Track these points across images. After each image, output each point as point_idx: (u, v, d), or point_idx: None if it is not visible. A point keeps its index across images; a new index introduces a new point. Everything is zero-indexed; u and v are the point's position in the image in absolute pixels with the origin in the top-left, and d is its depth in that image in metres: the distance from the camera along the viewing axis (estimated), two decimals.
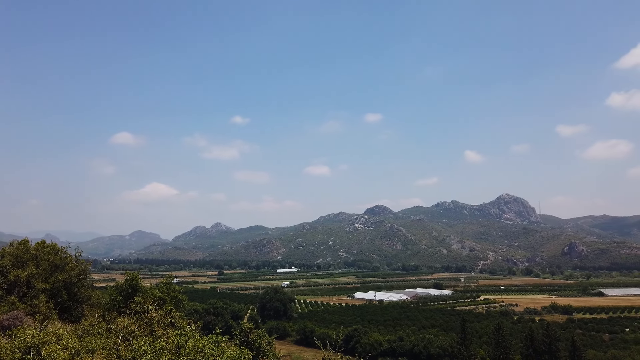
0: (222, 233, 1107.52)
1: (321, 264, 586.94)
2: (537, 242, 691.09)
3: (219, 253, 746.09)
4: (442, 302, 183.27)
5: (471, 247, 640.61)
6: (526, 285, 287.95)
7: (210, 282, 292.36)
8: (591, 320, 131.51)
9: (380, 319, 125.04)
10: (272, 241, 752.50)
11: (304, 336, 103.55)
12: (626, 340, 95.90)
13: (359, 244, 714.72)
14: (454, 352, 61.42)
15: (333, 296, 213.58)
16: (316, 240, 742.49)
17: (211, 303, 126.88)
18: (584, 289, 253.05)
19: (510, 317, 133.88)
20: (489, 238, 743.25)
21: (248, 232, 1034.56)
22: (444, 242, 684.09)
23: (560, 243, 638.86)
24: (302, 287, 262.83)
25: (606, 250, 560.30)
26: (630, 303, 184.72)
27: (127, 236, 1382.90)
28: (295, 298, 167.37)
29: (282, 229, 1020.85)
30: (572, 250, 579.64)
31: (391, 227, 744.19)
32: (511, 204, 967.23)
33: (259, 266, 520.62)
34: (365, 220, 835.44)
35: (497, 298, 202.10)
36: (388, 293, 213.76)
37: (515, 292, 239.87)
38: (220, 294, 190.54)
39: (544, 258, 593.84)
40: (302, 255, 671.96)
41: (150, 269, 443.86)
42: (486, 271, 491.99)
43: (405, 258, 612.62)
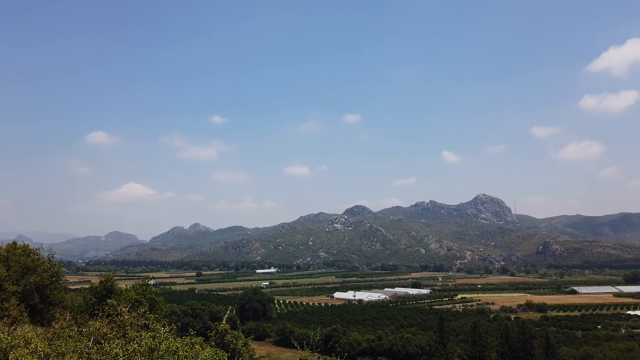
0: (200, 234, 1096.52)
1: (301, 264, 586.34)
2: (513, 241, 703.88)
3: (198, 254, 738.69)
4: (421, 301, 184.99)
5: (449, 247, 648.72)
6: (502, 283, 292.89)
7: (189, 283, 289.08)
8: (565, 318, 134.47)
9: (360, 318, 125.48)
10: (252, 242, 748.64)
11: (283, 337, 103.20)
12: (598, 336, 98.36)
13: (339, 244, 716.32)
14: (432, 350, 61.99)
15: (312, 296, 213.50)
16: (296, 241, 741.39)
17: (189, 304, 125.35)
18: (557, 287, 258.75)
19: (487, 316, 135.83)
20: (466, 237, 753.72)
21: (227, 233, 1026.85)
22: (422, 241, 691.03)
23: (535, 242, 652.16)
24: (281, 288, 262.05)
25: (579, 249, 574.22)
26: (602, 301, 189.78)
27: (102, 237, 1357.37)
28: (274, 299, 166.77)
29: (262, 229, 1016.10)
30: (546, 249, 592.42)
31: (370, 227, 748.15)
32: (488, 204, 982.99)
33: (238, 267, 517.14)
34: (344, 220, 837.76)
35: (474, 297, 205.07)
36: (367, 293, 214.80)
37: (492, 291, 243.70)
38: (198, 295, 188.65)
39: (519, 257, 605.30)
40: (282, 255, 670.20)
41: (126, 271, 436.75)
42: (463, 270, 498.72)
43: (384, 258, 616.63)
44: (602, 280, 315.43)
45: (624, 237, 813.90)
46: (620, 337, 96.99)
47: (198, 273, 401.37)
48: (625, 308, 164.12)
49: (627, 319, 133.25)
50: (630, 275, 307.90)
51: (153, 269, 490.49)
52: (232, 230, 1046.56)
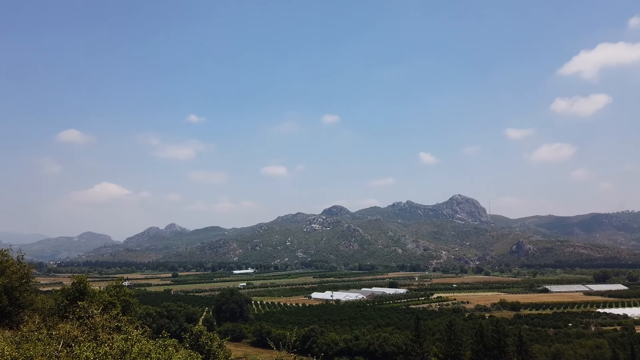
0: (176, 234, 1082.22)
1: (278, 264, 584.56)
2: (488, 241, 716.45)
3: (174, 255, 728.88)
4: (397, 301, 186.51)
5: (425, 247, 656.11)
6: (477, 283, 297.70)
7: (164, 285, 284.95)
8: (537, 316, 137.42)
9: (337, 318, 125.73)
10: (229, 242, 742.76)
11: (260, 338, 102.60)
12: (569, 334, 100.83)
13: (317, 244, 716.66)
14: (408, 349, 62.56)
15: (290, 297, 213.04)
16: (273, 241, 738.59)
17: (165, 306, 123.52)
18: (530, 285, 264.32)
19: (462, 314, 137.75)
20: (442, 237, 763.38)
21: (204, 233, 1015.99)
22: (399, 241, 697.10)
23: (508, 242, 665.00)
24: (259, 288, 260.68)
25: (551, 249, 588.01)
26: (572, 299, 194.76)
27: (75, 238, 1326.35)
28: (252, 299, 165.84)
29: (239, 229, 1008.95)
30: (519, 248, 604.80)
31: (348, 228, 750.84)
32: (463, 205, 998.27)
33: (214, 268, 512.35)
34: (322, 220, 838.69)
35: (450, 296, 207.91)
36: (345, 293, 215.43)
37: (467, 290, 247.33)
38: (174, 297, 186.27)
39: (493, 257, 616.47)
40: (259, 256, 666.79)
41: (100, 272, 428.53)
42: (439, 270, 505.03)
43: (361, 258, 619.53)
44: (573, 279, 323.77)
45: (593, 237, 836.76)
46: (590, 335, 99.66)
47: (174, 274, 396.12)
48: (595, 306, 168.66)
49: (596, 316, 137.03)
50: (600, 274, 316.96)
51: (128, 270, 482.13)
52: (209, 231, 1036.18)
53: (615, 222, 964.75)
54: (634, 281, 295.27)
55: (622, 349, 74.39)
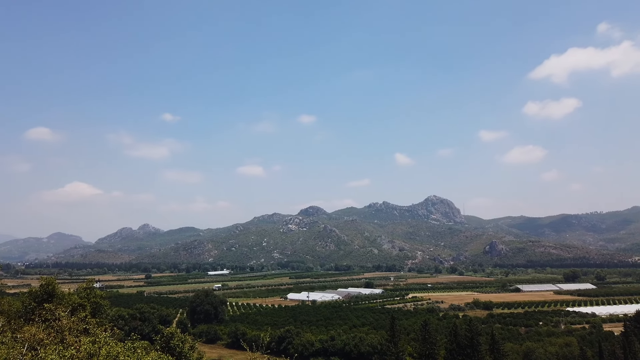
0: (150, 235, 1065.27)
1: (254, 265, 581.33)
2: (462, 241, 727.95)
3: (147, 255, 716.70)
4: (373, 301, 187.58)
5: (401, 247, 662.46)
6: (451, 282, 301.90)
7: (137, 286, 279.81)
8: (509, 315, 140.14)
9: (313, 319, 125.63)
10: (204, 243, 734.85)
11: (235, 339, 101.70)
12: (540, 332, 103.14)
13: (293, 245, 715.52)
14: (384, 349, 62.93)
15: (266, 298, 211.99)
16: (249, 242, 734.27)
17: (138, 308, 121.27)
18: (503, 285, 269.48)
19: (437, 314, 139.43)
20: (417, 238, 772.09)
21: (178, 234, 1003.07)
22: (375, 242, 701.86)
23: (482, 242, 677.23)
24: (234, 290, 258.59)
25: (523, 249, 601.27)
26: (543, 298, 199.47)
27: (44, 238, 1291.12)
28: (227, 301, 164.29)
29: (214, 230, 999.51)
30: (492, 249, 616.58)
31: (325, 228, 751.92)
32: (438, 205, 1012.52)
33: (189, 269, 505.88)
34: (299, 221, 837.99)
35: (425, 295, 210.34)
36: (321, 293, 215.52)
37: (441, 290, 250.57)
38: (147, 298, 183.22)
39: (467, 257, 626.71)
40: (235, 256, 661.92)
41: (70, 274, 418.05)
42: (414, 270, 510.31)
43: (338, 258, 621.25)
44: (544, 279, 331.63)
45: (563, 237, 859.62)
46: (559, 333, 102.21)
47: (147, 275, 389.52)
48: (564, 305, 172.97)
49: (566, 315, 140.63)
50: (569, 274, 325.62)
51: (99, 271, 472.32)
52: (184, 231, 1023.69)
53: (584, 222, 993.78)
54: (602, 280, 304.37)
55: (590, 346, 76.49)
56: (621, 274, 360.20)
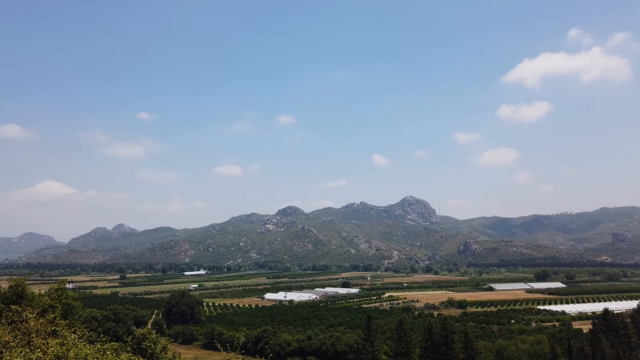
0: (125, 235, 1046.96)
1: (231, 265, 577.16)
2: (437, 241, 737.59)
3: (122, 256, 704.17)
4: (350, 301, 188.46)
5: (377, 247, 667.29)
6: (426, 282, 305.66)
7: (111, 287, 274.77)
8: (482, 313, 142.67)
9: (290, 319, 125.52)
10: (180, 243, 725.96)
11: (211, 340, 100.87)
12: (512, 330, 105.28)
13: (271, 245, 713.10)
14: (360, 348, 63.30)
15: (243, 298, 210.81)
16: (227, 242, 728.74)
17: (112, 309, 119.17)
18: (476, 284, 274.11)
19: (412, 313, 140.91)
20: (394, 238, 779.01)
21: (154, 234, 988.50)
22: (353, 242, 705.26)
23: (457, 242, 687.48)
24: (211, 290, 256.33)
25: (496, 249, 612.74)
26: (515, 297, 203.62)
27: (15, 239, 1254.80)
28: (203, 301, 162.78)
29: (191, 230, 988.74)
30: (467, 248, 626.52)
31: (302, 228, 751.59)
32: (414, 206, 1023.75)
33: (165, 269, 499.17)
34: (277, 221, 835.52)
35: (400, 295, 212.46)
36: (298, 293, 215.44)
37: (417, 289, 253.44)
38: (122, 299, 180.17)
39: (442, 256, 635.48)
40: (212, 257, 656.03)
41: (42, 274, 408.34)
42: (391, 269, 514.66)
43: (315, 258, 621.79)
44: (516, 278, 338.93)
45: (535, 237, 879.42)
46: (531, 330, 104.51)
47: (122, 276, 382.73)
48: (535, 303, 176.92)
49: (537, 313, 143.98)
50: (540, 273, 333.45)
51: (72, 272, 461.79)
52: (160, 231, 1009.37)
53: (555, 223, 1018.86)
54: (572, 279, 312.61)
55: (560, 343, 78.53)
56: (590, 273, 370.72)
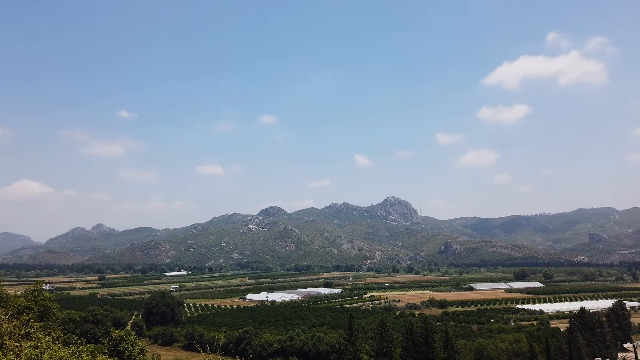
0: (104, 235, 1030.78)
1: (213, 266, 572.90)
2: (418, 241, 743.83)
3: (101, 256, 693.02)
4: (332, 301, 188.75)
5: (360, 247, 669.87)
6: (408, 281, 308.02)
7: (90, 288, 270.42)
8: (463, 313, 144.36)
9: (272, 319, 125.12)
10: (161, 243, 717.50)
11: (192, 341, 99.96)
12: (491, 329, 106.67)
13: (253, 245, 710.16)
14: (341, 348, 63.39)
15: (224, 299, 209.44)
16: (208, 242, 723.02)
17: (90, 310, 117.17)
18: (457, 284, 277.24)
19: (393, 312, 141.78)
20: (376, 238, 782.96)
21: (134, 234, 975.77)
22: (335, 242, 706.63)
23: (438, 242, 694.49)
24: (192, 291, 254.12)
25: (476, 249, 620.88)
26: (494, 296, 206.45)
27: None
28: (184, 302, 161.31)
29: (172, 230, 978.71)
30: (447, 248, 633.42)
31: (285, 228, 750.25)
32: (396, 206, 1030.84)
33: (145, 270, 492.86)
34: (259, 221, 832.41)
35: (382, 295, 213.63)
36: (280, 293, 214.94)
37: (398, 289, 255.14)
38: (101, 301, 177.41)
39: (424, 256, 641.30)
40: (193, 257, 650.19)
41: (18, 275, 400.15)
42: (373, 269, 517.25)
43: (298, 258, 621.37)
44: (496, 277, 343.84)
45: (514, 237, 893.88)
46: (510, 329, 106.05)
47: (101, 277, 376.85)
48: (514, 302, 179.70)
49: (516, 312, 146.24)
50: (519, 273, 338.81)
51: (49, 272, 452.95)
52: (140, 232, 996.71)
53: (533, 223, 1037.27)
54: (550, 279, 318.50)
55: (538, 342, 79.86)
56: (567, 272, 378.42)
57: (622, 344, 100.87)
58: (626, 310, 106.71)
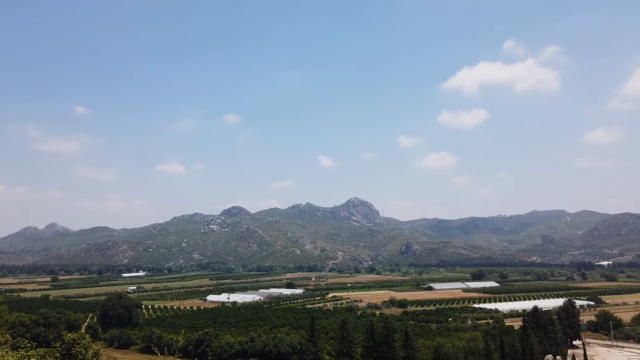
0: (58, 235, 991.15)
1: (173, 267, 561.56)
2: (380, 242, 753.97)
3: (54, 257, 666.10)
4: (294, 301, 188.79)
5: (322, 247, 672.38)
6: (369, 282, 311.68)
7: (42, 290, 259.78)
8: (422, 312, 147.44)
9: (233, 320, 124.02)
10: (118, 243, 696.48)
11: (150, 343, 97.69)
12: (449, 328, 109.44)
13: (214, 246, 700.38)
14: (303, 348, 63.58)
15: (184, 300, 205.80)
16: (168, 242, 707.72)
17: (42, 313, 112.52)
18: (417, 284, 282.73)
19: (355, 313, 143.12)
20: (338, 239, 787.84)
21: (90, 234, 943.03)
22: (298, 242, 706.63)
23: (399, 243, 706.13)
24: (150, 292, 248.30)
25: (436, 249, 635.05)
26: (453, 296, 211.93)
27: None
28: (142, 304, 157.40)
29: (130, 230, 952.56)
30: (408, 249, 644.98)
31: (248, 229, 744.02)
32: (359, 207, 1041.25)
33: (101, 271, 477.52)
34: (221, 221, 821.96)
35: (344, 295, 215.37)
36: (242, 294, 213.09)
37: (360, 289, 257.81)
38: (53, 303, 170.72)
39: (385, 257, 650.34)
40: (152, 258, 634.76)
41: None
42: (335, 270, 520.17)
43: (260, 259, 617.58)
44: (454, 277, 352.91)
45: (472, 238, 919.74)
46: (467, 328, 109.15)
47: (54, 278, 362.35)
48: (472, 302, 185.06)
49: (473, 311, 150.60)
50: (476, 273, 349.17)
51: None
52: (96, 231, 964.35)
53: (490, 225, 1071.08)
54: (505, 278, 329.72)
55: (494, 340, 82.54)
56: (521, 272, 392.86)
57: (572, 341, 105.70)
58: (576, 309, 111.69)
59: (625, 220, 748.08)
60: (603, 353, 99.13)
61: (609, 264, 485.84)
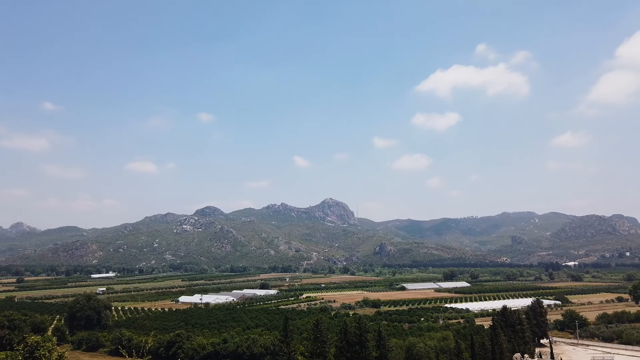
0: (23, 234, 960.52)
1: (144, 267, 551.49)
2: (354, 242, 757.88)
3: (20, 257, 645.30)
4: (268, 302, 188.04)
5: (297, 248, 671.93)
6: (343, 282, 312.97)
7: (7, 291, 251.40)
8: (395, 312, 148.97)
9: (206, 322, 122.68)
10: (87, 243, 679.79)
11: (119, 346, 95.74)
12: (421, 328, 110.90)
13: (187, 246, 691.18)
14: (276, 349, 63.49)
15: (156, 301, 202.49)
16: (139, 243, 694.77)
17: (6, 315, 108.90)
18: (390, 284, 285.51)
19: (329, 313, 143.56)
20: (313, 239, 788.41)
21: (57, 234, 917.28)
22: (273, 243, 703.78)
23: (373, 243, 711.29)
24: (120, 293, 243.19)
25: (409, 250, 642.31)
26: (425, 296, 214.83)
27: None
28: (112, 305, 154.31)
29: (100, 230, 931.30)
30: (382, 250, 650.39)
31: (221, 229, 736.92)
32: (334, 208, 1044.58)
33: (69, 272, 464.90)
34: (194, 221, 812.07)
35: (318, 295, 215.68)
36: (215, 295, 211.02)
37: (334, 289, 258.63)
38: (18, 305, 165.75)
39: (359, 257, 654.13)
40: (123, 258, 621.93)
41: None
42: (310, 270, 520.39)
43: (234, 259, 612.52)
44: (426, 278, 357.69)
45: (444, 239, 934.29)
46: (438, 327, 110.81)
47: (19, 279, 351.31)
48: (443, 302, 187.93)
49: (444, 311, 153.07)
50: (448, 273, 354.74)
51: None
52: (64, 231, 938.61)
53: (462, 226, 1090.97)
54: (476, 279, 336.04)
55: (464, 339, 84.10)
56: (491, 272, 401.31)
57: (539, 340, 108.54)
58: (543, 308, 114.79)
59: (590, 222, 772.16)
60: (569, 351, 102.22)
61: (575, 265, 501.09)
